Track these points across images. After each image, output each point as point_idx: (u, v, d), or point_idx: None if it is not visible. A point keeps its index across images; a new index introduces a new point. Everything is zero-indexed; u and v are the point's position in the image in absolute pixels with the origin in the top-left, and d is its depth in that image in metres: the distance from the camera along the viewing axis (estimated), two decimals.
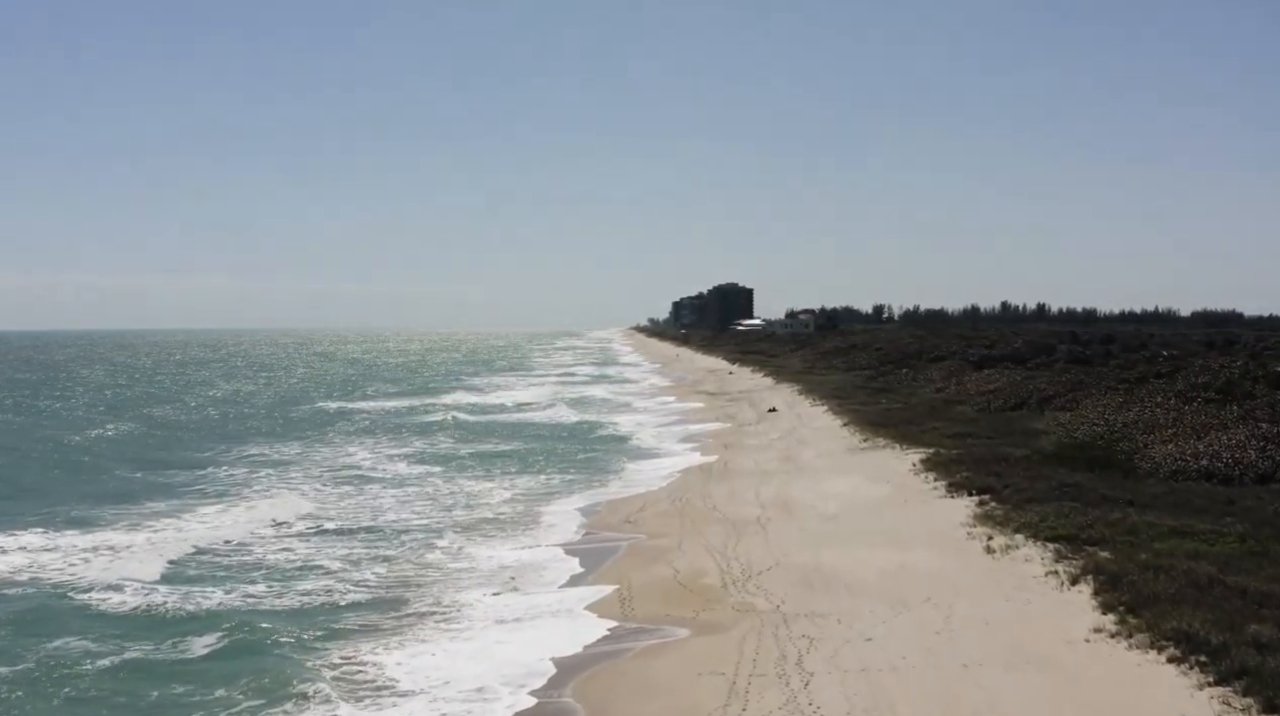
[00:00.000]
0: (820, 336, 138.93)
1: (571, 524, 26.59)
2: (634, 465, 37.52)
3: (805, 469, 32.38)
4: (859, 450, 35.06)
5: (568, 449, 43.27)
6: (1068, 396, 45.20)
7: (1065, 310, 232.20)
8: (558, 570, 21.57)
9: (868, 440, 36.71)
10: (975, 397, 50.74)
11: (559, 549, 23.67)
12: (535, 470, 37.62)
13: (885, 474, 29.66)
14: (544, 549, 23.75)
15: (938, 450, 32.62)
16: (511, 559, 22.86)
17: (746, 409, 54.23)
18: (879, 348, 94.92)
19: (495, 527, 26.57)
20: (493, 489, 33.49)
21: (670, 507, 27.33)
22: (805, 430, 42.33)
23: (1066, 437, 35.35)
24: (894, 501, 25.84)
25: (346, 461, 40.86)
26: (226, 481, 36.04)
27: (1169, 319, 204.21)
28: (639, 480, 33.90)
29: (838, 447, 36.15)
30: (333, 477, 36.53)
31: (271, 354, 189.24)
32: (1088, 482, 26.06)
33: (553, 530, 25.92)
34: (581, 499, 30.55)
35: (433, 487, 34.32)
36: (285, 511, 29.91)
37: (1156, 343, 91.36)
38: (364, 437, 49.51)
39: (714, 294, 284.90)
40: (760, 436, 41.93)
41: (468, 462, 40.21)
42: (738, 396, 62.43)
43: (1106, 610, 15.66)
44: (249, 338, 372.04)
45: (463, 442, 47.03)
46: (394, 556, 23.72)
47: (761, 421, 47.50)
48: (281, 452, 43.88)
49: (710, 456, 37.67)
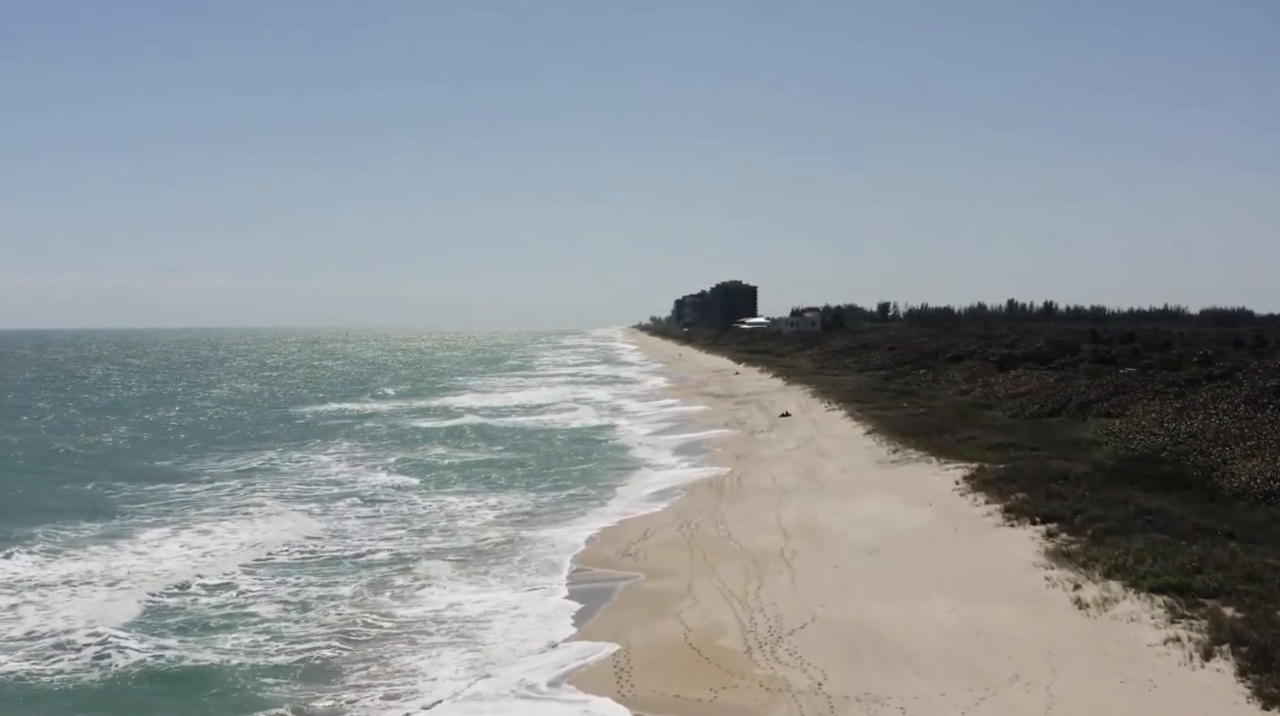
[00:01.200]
0: (827, 335, 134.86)
1: (560, 556, 22.54)
2: (635, 479, 33.51)
3: (829, 486, 28.37)
4: (889, 463, 31.03)
5: (562, 459, 39.27)
6: (1111, 401, 41.17)
7: (1073, 308, 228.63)
8: (538, 623, 17.52)
9: (897, 451, 32.69)
10: (1005, 401, 46.71)
11: (542, 591, 19.66)
12: (524, 484, 33.65)
13: (925, 493, 25.65)
14: (524, 592, 19.73)
15: (981, 464, 28.60)
16: (484, 605, 18.85)
17: (756, 413, 50.20)
18: (891, 347, 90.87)
19: (471, 560, 22.55)
20: (475, 508, 29.53)
21: (677, 535, 23.31)
22: (824, 438, 38.29)
23: (1123, 449, 31.33)
24: (941, 530, 21.83)
25: (325, 473, 36.89)
26: (187, 500, 32.02)
27: (1178, 317, 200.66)
28: (640, 497, 29.91)
29: (864, 460, 32.13)
30: (305, 493, 32.56)
31: (274, 354, 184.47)
32: (1170, 507, 22.02)
33: (537, 565, 21.86)
34: (573, 523, 26.53)
35: (409, 506, 30.37)
36: (237, 538, 26.07)
37: (1180, 341, 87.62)
38: (349, 443, 45.56)
39: (717, 292, 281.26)
40: (774, 445, 37.90)
41: (451, 475, 36.26)
42: (746, 399, 58.38)
43: (1270, 704, 11.67)
44: (251, 337, 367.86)
45: (453, 450, 43.09)
46: (346, 596, 19.78)
47: (774, 428, 43.48)
48: (261, 462, 39.94)
49: (720, 468, 33.67)
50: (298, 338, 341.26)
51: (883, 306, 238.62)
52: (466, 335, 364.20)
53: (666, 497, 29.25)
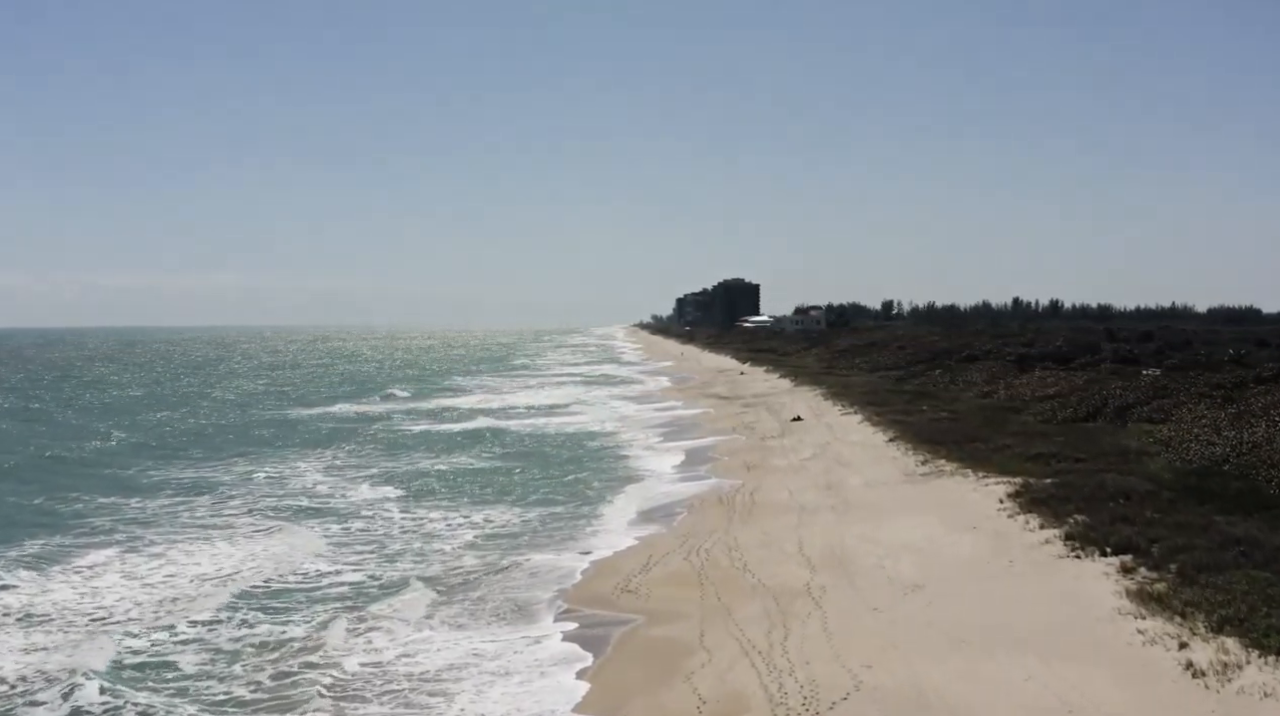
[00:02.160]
0: (833, 333, 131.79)
1: (548, 591, 19.36)
2: (636, 492, 30.36)
3: (855, 503, 25.19)
4: (919, 477, 27.87)
5: (558, 468, 36.12)
6: (1151, 405, 38.00)
7: (1079, 307, 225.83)
8: (517, 689, 14.33)
9: (926, 462, 29.53)
10: (1033, 404, 43.55)
11: (523, 638, 16.50)
12: (514, 497, 30.54)
13: (966, 514, 22.51)
14: (501, 639, 16.55)
15: (1025, 479, 25.46)
16: (450, 655, 15.70)
17: (765, 416, 47.04)
18: (901, 346, 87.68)
19: (444, 594, 19.38)
20: (457, 527, 26.43)
21: (685, 566, 20.15)
22: (842, 446, 35.13)
23: (1178, 461, 28.18)
24: (995, 562, 18.67)
25: (302, 484, 33.72)
26: (142, 516, 28.88)
27: (1185, 315, 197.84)
28: (642, 515, 26.78)
29: (891, 472, 28.97)
30: (276, 508, 29.44)
31: (279, 353, 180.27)
32: (1260, 535, 18.88)
33: (520, 603, 18.68)
34: (566, 547, 23.37)
35: (385, 523, 27.30)
36: (184, 565, 23.09)
37: (1200, 340, 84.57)
38: (335, 450, 42.45)
39: (719, 290, 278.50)
40: (788, 453, 34.74)
41: (436, 486, 33.18)
42: (753, 401, 55.20)
43: None
44: (258, 336, 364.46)
45: (440, 457, 40.04)
46: (284, 642, 16.69)
47: (786, 433, 40.30)
48: (239, 472, 36.80)
49: (729, 480, 30.53)
50: (302, 336, 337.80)
51: (886, 305, 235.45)
52: (468, 334, 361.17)
53: (671, 515, 26.10)
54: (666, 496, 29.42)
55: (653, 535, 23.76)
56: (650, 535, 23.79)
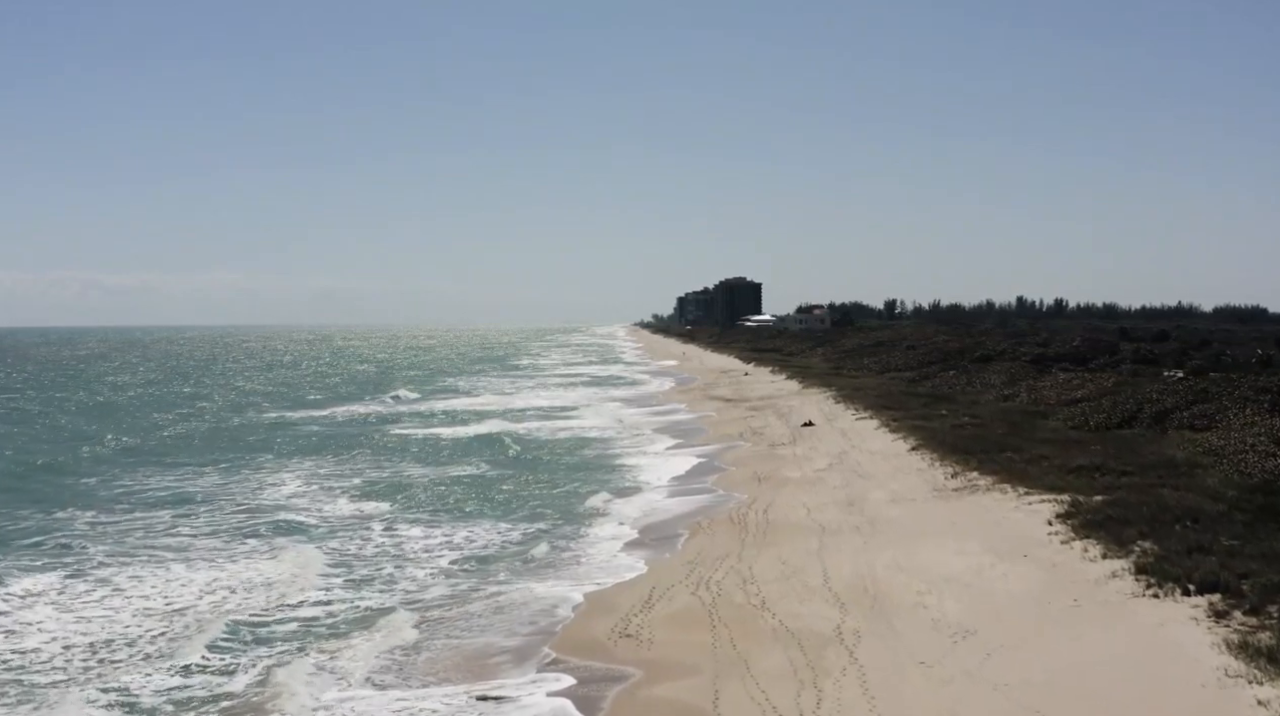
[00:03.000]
0: (838, 333, 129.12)
1: (531, 634, 16.61)
2: (635, 508, 27.65)
3: (882, 523, 22.49)
4: (950, 491, 25.17)
5: (552, 478, 33.42)
6: (1192, 410, 35.29)
7: (1084, 306, 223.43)
8: None
9: (957, 474, 26.81)
10: (1059, 409, 40.86)
11: (495, 701, 13.78)
12: (502, 511, 27.88)
13: (1013, 538, 19.82)
14: (465, 708, 13.82)
15: (1073, 495, 22.77)
16: None
17: (774, 421, 44.32)
18: (911, 346, 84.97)
19: (399, 639, 16.65)
20: (436, 547, 23.79)
21: (693, 602, 17.42)
22: (860, 454, 32.42)
23: (1236, 474, 25.49)
24: (1057, 600, 15.97)
25: (278, 497, 30.95)
26: (91, 532, 26.21)
27: (1192, 314, 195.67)
28: (642, 534, 24.08)
29: (917, 486, 26.26)
30: (240, 528, 26.68)
31: (283, 352, 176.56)
32: None
33: (497, 650, 15.96)
34: (556, 575, 20.65)
35: (360, 542, 24.67)
36: (128, 594, 20.51)
37: (1217, 339, 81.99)
38: (320, 457, 39.67)
39: (720, 289, 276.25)
40: (801, 463, 32.03)
41: (422, 497, 30.55)
42: (760, 404, 52.47)
43: None
44: (261, 334, 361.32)
45: (428, 464, 37.40)
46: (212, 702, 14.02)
47: (797, 440, 37.59)
48: (212, 481, 34.00)
49: (738, 493, 27.85)
50: (304, 336, 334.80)
51: (889, 303, 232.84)
52: (469, 333, 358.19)
53: (675, 536, 23.39)
54: (670, 512, 26.73)
55: (655, 561, 21.05)
56: (652, 561, 21.08)
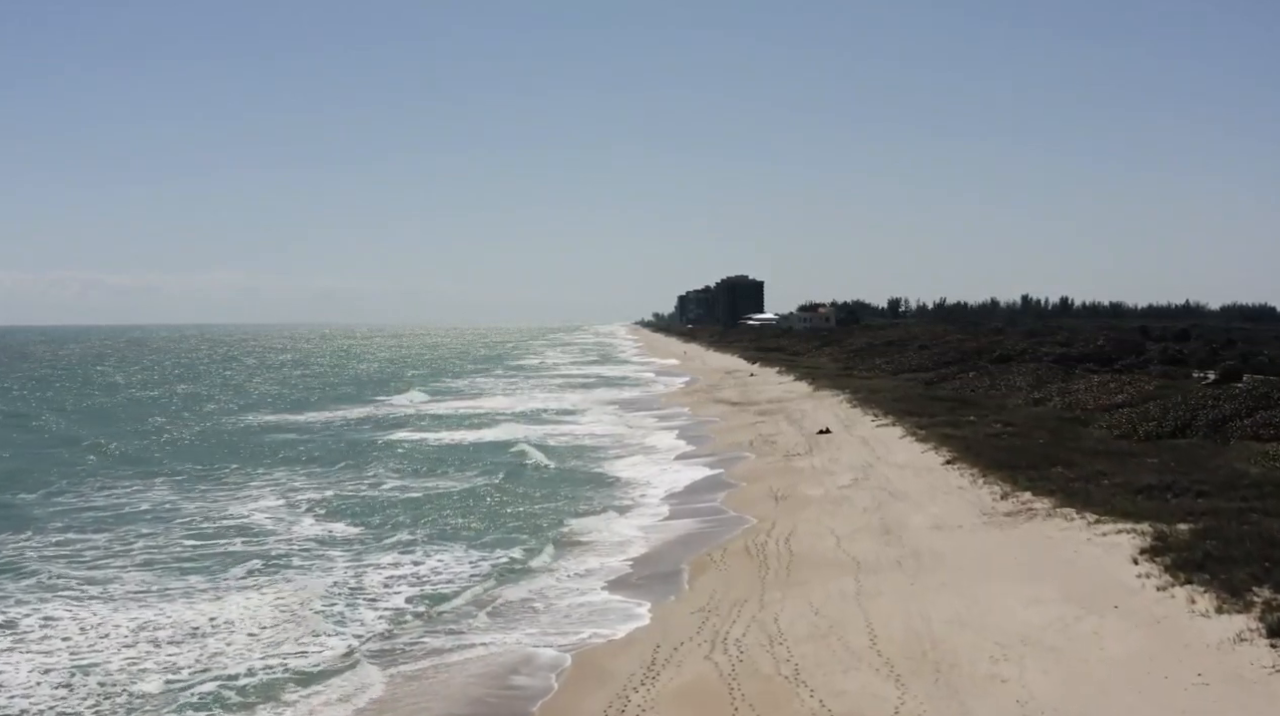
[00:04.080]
0: (844, 332, 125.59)
1: None
2: (632, 531, 24.09)
3: (927, 556, 18.92)
4: (1002, 516, 21.59)
5: (540, 494, 29.87)
6: (1254, 417, 31.72)
7: (1089, 304, 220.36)
8: None
9: (1006, 496, 23.21)
10: (1099, 415, 37.29)
11: None
12: (476, 535, 24.38)
13: (1094, 580, 16.25)
14: None
15: (1152, 523, 19.20)
16: None
17: (786, 427, 40.75)
18: (923, 346, 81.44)
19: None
20: (396, 582, 20.36)
21: (708, 670, 13.84)
22: (887, 469, 28.84)
23: None
24: (1173, 674, 12.41)
25: (238, 517, 27.29)
26: (19, 562, 22.80)
27: (1200, 313, 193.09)
28: (639, 566, 20.56)
29: (962, 509, 22.68)
30: (183, 557, 23.18)
31: (285, 352, 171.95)
32: None
33: None
34: (532, 623, 17.09)
35: (319, 576, 21.17)
36: (32, 641, 17.09)
37: (1240, 339, 78.66)
38: (292, 469, 36.04)
39: (721, 287, 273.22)
40: (821, 478, 28.47)
41: (399, 517, 27.10)
42: (769, 408, 48.89)
43: None
44: (262, 334, 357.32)
45: (411, 476, 34.04)
46: None
47: (814, 450, 34.03)
48: (163, 498, 30.41)
49: (752, 516, 24.33)
50: (306, 335, 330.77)
51: (893, 302, 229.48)
52: (469, 332, 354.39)
53: (679, 570, 19.85)
54: (674, 537, 23.21)
55: (659, 606, 17.50)
56: (655, 606, 17.54)
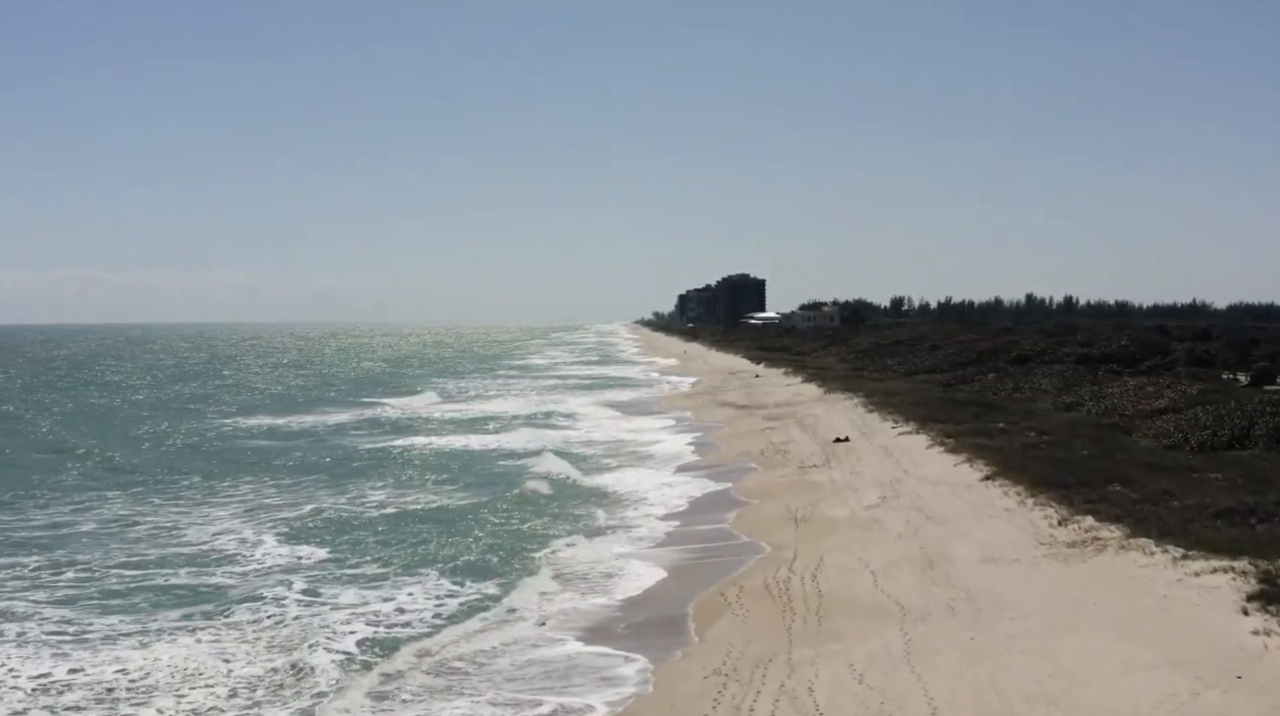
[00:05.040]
0: (850, 331, 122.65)
1: None
2: (627, 560, 20.92)
3: (985, 600, 15.76)
4: (1064, 546, 18.42)
5: (521, 511, 26.71)
6: None
7: (1094, 303, 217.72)
8: None
9: (1065, 521, 20.02)
10: (1141, 422, 34.18)
11: None
12: (451, 561, 21.24)
13: (1200, 638, 13.11)
14: None
15: (1253, 561, 16.02)
16: None
17: (798, 434, 37.62)
18: (935, 345, 78.40)
19: None
20: (354, 621, 17.19)
21: None
22: (917, 483, 25.67)
23: None
24: None
25: (199, 537, 24.19)
26: None
27: (1206, 312, 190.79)
28: (633, 609, 17.43)
29: (1014, 535, 19.50)
30: (112, 592, 20.02)
31: (289, 352, 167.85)
32: None
33: None
34: (503, 685, 13.96)
35: (266, 615, 18.09)
36: None
37: (1265, 338, 75.64)
38: (261, 481, 32.82)
39: (722, 286, 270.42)
40: (845, 495, 25.31)
41: (367, 539, 24.08)
42: (778, 412, 45.74)
43: None
44: (262, 333, 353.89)
45: (392, 489, 30.97)
46: None
47: (832, 461, 30.90)
48: (118, 513, 27.32)
49: (767, 540, 21.23)
50: (308, 334, 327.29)
51: (896, 301, 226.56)
52: (469, 331, 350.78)
53: (683, 615, 16.72)
54: (676, 567, 20.10)
55: (661, 665, 14.36)
56: (657, 664, 14.39)
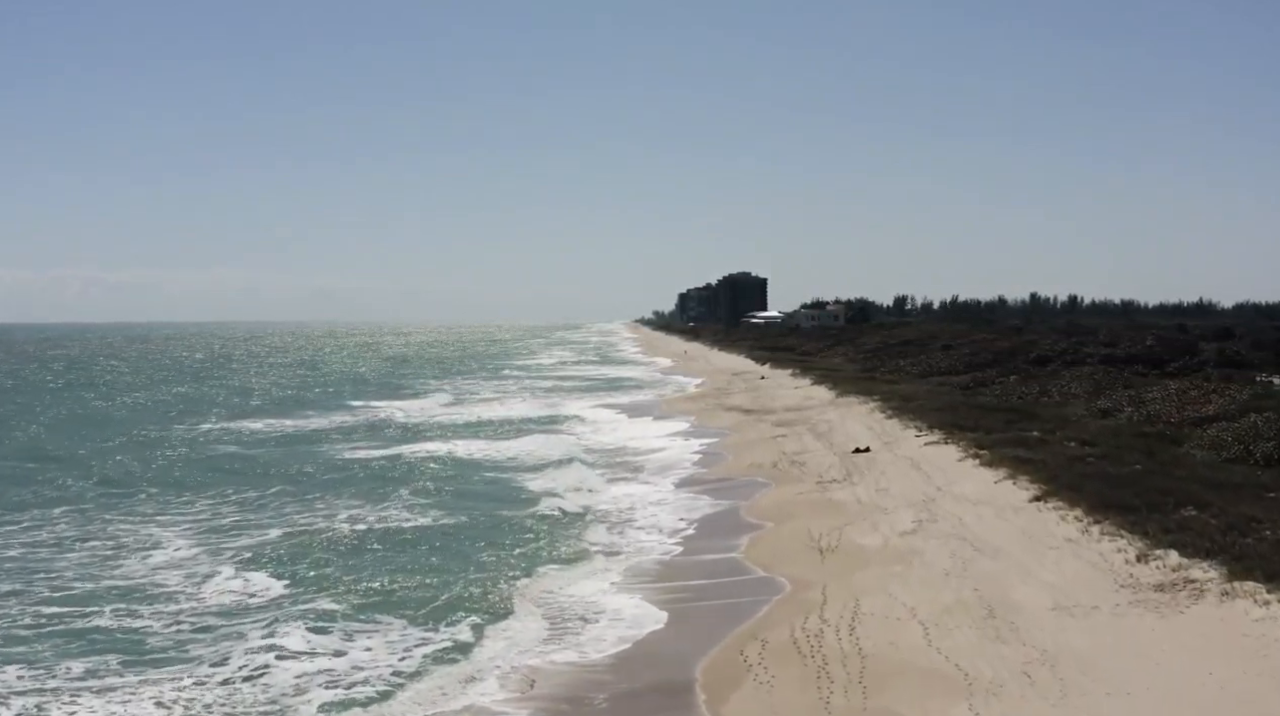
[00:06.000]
0: (855, 331, 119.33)
1: None
2: (614, 597, 17.79)
3: (1068, 665, 12.55)
4: (1149, 588, 15.20)
5: (502, 537, 23.51)
6: None
7: (1099, 302, 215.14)
8: None
9: (1145, 557, 16.75)
10: (1190, 430, 30.99)
11: None
12: (419, 600, 18.03)
13: None
14: None
15: None
16: None
17: (812, 443, 34.40)
18: (947, 345, 75.16)
19: None
20: (304, 681, 14.06)
21: None
22: (955, 504, 22.42)
23: None
24: None
25: (135, 569, 20.98)
26: None
27: (1213, 311, 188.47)
28: (620, 682, 14.24)
29: (1087, 575, 16.26)
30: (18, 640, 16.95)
31: (290, 351, 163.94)
32: None
33: None
34: None
35: (201, 674, 14.94)
36: None
37: None
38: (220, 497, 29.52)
39: (723, 285, 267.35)
40: (874, 518, 22.07)
41: (332, 564, 21.01)
42: (789, 418, 42.50)
43: None
44: (262, 332, 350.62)
45: (365, 505, 27.75)
46: None
47: (853, 475, 27.67)
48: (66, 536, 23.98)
49: (785, 577, 18.06)
50: (308, 333, 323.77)
51: (899, 300, 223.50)
52: (468, 331, 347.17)
53: (689, 681, 13.54)
54: (678, 611, 16.91)
55: None
56: None
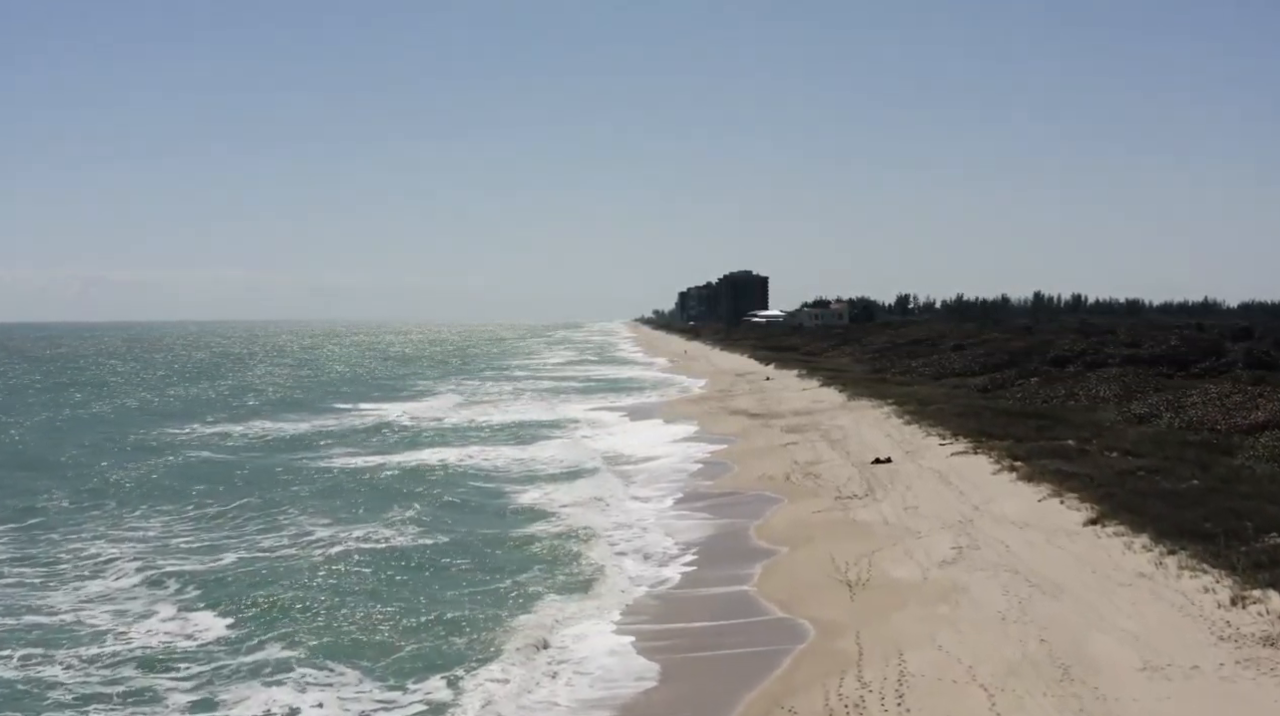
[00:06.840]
0: (860, 330, 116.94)
1: None
2: (607, 640, 15.16)
3: None
4: (1254, 642, 12.51)
5: (482, 563, 20.88)
6: None
7: (1104, 301, 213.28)
8: None
9: (1240, 600, 14.05)
10: (1241, 438, 28.41)
11: None
12: (386, 645, 15.41)
13: None
14: None
15: None
16: None
17: (826, 451, 31.74)
18: (959, 345, 72.55)
19: None
20: None
21: None
22: (996, 526, 19.77)
23: None
24: None
25: (60, 602, 18.39)
26: None
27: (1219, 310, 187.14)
28: None
29: (1173, 621, 13.62)
30: None
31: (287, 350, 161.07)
32: None
33: None
34: None
35: None
36: None
37: None
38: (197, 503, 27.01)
39: (724, 283, 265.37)
40: (907, 543, 19.40)
41: (285, 598, 18.31)
42: (799, 423, 39.81)
43: None
44: (263, 330, 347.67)
45: (339, 522, 25.06)
46: None
47: (876, 490, 25.00)
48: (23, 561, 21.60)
49: (807, 620, 15.43)
50: (309, 332, 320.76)
51: (902, 298, 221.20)
52: (468, 330, 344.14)
53: None
54: (676, 662, 14.26)
55: None
56: None
